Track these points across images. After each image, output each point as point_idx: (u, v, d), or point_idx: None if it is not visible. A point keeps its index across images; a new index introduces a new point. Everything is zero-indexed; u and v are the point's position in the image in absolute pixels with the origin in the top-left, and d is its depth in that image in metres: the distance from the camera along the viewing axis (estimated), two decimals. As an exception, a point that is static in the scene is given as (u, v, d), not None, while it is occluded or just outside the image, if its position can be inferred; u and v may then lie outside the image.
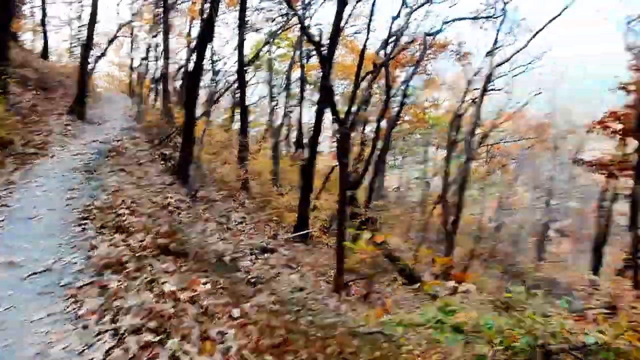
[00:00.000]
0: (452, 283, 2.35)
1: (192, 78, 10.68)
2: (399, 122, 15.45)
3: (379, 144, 15.64)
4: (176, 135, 12.79)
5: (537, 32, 18.05)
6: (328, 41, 9.91)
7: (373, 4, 13.57)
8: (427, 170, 30.78)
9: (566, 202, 29.52)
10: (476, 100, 24.39)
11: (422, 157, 32.51)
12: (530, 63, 22.87)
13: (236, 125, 25.25)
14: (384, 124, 16.49)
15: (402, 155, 32.74)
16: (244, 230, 8.61)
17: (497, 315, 2.58)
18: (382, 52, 16.80)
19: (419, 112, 18.78)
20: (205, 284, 3.61)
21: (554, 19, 17.57)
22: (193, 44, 17.82)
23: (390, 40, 13.99)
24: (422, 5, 15.18)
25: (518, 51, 18.68)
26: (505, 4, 17.31)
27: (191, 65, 11.51)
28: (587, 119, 16.15)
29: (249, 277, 5.13)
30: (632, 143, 16.18)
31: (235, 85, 20.53)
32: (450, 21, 15.23)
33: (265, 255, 7.43)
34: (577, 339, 2.04)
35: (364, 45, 13.48)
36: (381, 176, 19.23)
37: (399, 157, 33.19)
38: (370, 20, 13.38)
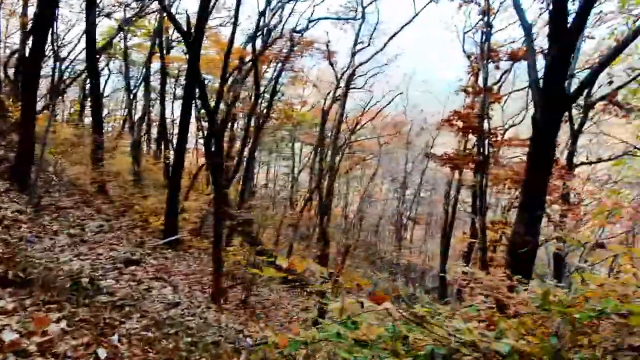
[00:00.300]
0: (369, 303, 2.18)
1: (30, 65, 9.08)
2: (268, 119, 15.25)
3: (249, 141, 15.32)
4: (12, 132, 10.81)
5: (392, 36, 19.43)
6: (193, 31, 9.25)
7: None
8: (294, 165, 31.36)
9: (418, 192, 32.47)
10: (339, 98, 25.54)
11: (288, 153, 33.01)
12: (386, 64, 24.73)
13: (87, 120, 22.67)
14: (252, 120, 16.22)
15: (269, 152, 32.79)
16: (102, 241, 7.58)
17: (401, 324, 2.51)
18: (249, 47, 16.49)
19: (287, 109, 18.85)
20: (58, 320, 2.93)
21: (406, 24, 19.09)
22: (30, 25, 15.35)
23: (257, 35, 13.68)
24: (289, 1, 15.22)
25: (376, 53, 19.93)
26: (364, 8, 18.32)
27: (28, 51, 9.78)
28: (437, 117, 17.84)
29: (115, 299, 4.43)
30: (473, 139, 18.40)
31: (84, 75, 18.36)
32: (315, 20, 15.53)
33: (131, 268, 6.62)
34: (487, 346, 2.03)
35: (231, 39, 12.95)
36: (251, 173, 18.90)
37: (266, 154, 33.19)
38: (237, 12, 12.89)
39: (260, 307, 8.70)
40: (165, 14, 8.52)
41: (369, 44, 17.49)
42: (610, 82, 13.33)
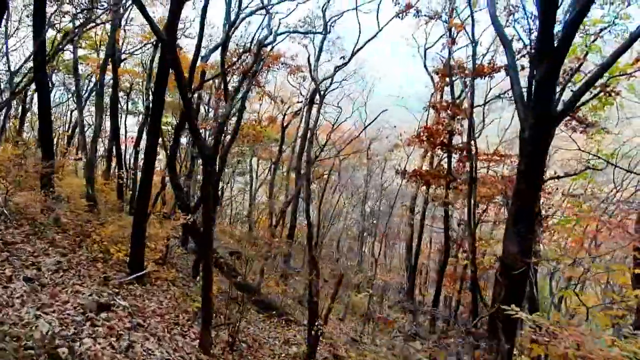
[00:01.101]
0: None
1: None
2: (237, 137, 14.42)
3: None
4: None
5: (357, 50, 19.31)
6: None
7: (205, 7, 12.38)
8: (252, 182, 30.50)
9: (392, 207, 32.26)
10: (299, 112, 25.10)
11: (245, 169, 32.13)
12: (344, 79, 24.67)
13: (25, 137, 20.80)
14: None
15: (225, 168, 31.66)
16: (63, 282, 6.52)
17: None
18: (210, 61, 15.70)
19: (256, 125, 18.08)
20: None
21: (370, 39, 19.01)
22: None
23: (225, 48, 12.91)
24: (251, 14, 14.62)
25: (340, 67, 19.74)
26: (326, 22, 18.00)
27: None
28: (404, 133, 17.69)
29: (101, 370, 3.57)
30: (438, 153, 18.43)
31: (26, 88, 16.76)
32: (283, 33, 15.01)
33: (103, 315, 5.66)
34: None
35: (197, 51, 12.12)
36: (217, 195, 17.89)
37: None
38: (202, 21, 12.10)
39: (246, 347, 7.87)
40: (141, 13, 7.69)
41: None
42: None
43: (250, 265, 9.95)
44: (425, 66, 19.63)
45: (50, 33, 17.58)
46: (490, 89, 18.79)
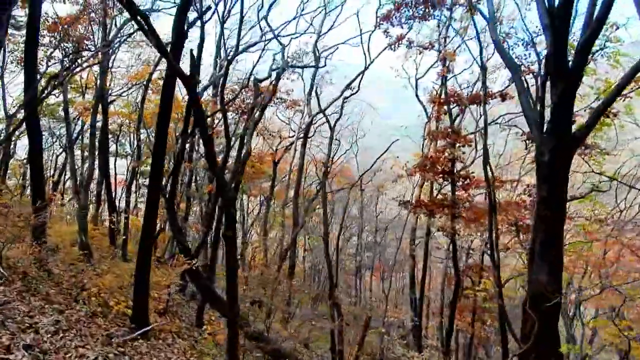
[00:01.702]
0: None
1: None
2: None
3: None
4: None
5: (349, 83, 19.33)
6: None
7: (201, 46, 12.23)
8: (244, 219, 29.85)
9: (373, 237, 31.74)
10: (289, 147, 24.81)
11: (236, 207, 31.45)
12: (334, 112, 24.51)
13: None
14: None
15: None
16: (65, 346, 5.84)
17: None
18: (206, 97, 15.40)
19: (255, 162, 17.67)
20: None
21: (363, 71, 19.06)
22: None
23: (222, 85, 12.67)
24: (243, 52, 14.52)
25: (334, 100, 19.67)
26: (318, 55, 18.00)
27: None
28: (407, 163, 17.42)
29: None
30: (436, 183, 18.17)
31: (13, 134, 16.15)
32: (278, 68, 14.86)
33: (115, 384, 5.02)
34: None
35: (194, 89, 11.81)
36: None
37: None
38: (199, 58, 11.88)
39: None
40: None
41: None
42: (574, 122, 13.70)
43: (273, 315, 9.27)
44: (417, 96, 19.74)
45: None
46: (480, 115, 18.83)
